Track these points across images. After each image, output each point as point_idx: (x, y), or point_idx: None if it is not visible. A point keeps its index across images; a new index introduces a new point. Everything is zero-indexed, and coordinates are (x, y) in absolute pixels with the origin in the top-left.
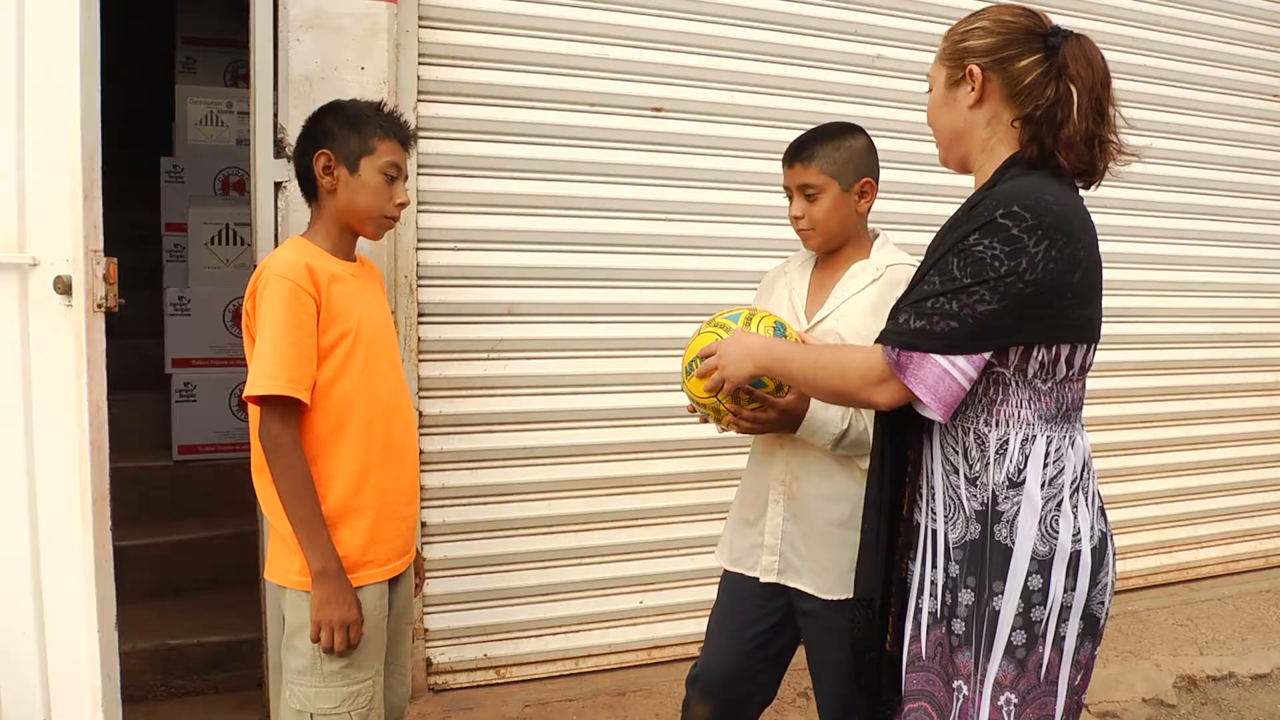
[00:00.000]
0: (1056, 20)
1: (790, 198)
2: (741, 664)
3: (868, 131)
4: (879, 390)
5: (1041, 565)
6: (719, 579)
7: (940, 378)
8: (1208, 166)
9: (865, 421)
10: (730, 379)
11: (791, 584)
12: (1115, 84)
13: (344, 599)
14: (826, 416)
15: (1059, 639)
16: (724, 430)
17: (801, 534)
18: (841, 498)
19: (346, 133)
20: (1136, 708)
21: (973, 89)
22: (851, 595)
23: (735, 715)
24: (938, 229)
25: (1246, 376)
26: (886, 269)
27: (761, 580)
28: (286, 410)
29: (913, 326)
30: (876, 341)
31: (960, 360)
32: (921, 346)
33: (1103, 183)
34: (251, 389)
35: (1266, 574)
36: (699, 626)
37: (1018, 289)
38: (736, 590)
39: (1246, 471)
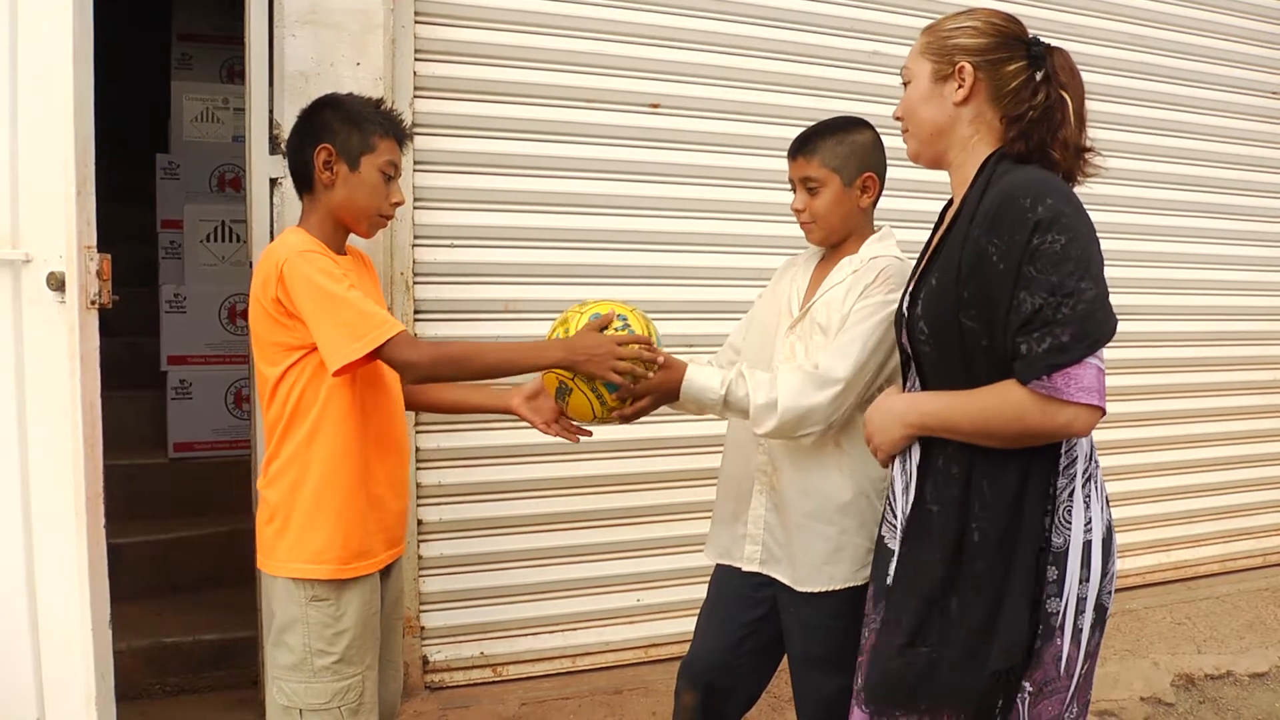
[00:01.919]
0: (1057, 15)
1: (794, 190)
2: (729, 653)
3: None
4: (1071, 420)
5: (1057, 557)
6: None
7: (1097, 377)
8: (1204, 164)
9: (746, 388)
10: (883, 449)
11: (773, 574)
12: (1115, 81)
13: (596, 346)
14: (703, 384)
15: (1077, 631)
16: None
17: (781, 524)
18: (814, 491)
19: (348, 129)
20: (1135, 706)
21: (960, 86)
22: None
23: (722, 704)
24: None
25: (1243, 374)
26: (869, 261)
27: (745, 569)
28: (397, 344)
29: (1041, 349)
30: (1018, 381)
31: (1102, 353)
32: (1068, 360)
33: (1101, 180)
34: (353, 353)
35: (1264, 572)
36: (694, 624)
37: (1094, 267)
38: (725, 582)
39: (1244, 470)
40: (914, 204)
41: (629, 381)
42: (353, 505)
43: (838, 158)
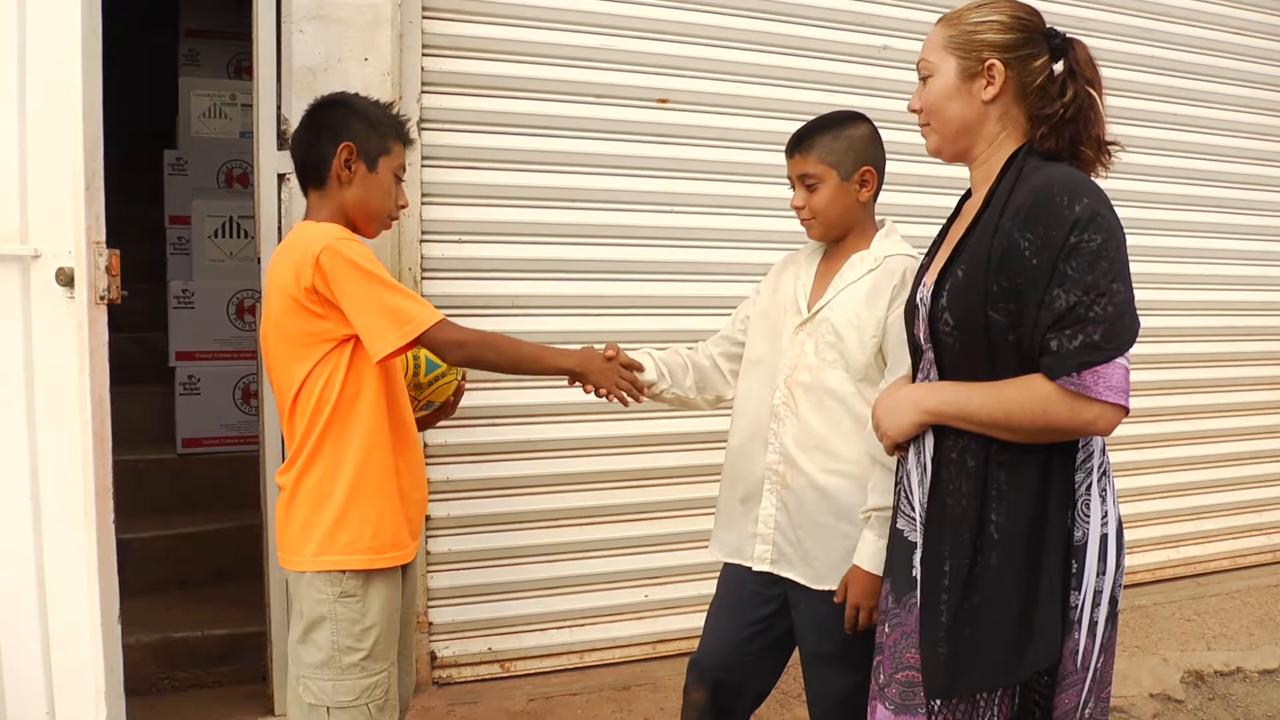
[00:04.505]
0: (1064, 9)
1: (793, 187)
2: (738, 650)
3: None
4: (1096, 418)
5: (1076, 551)
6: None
7: (1124, 377)
8: (1216, 159)
9: (876, 498)
10: (892, 435)
11: (784, 574)
12: (1122, 74)
13: (607, 366)
14: (871, 543)
15: (1092, 624)
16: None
17: (793, 524)
18: (834, 491)
19: (366, 130)
20: (1144, 703)
21: (990, 84)
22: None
23: (732, 701)
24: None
25: (1254, 370)
26: (884, 259)
27: (755, 569)
28: (442, 327)
29: (1073, 346)
30: (1045, 376)
31: (1128, 352)
32: (1099, 359)
33: (1112, 175)
34: (400, 340)
35: (1274, 568)
36: (703, 621)
37: (1125, 268)
38: (734, 579)
39: (1254, 466)
40: (920, 199)
41: (626, 393)
42: (384, 494)
43: (834, 153)
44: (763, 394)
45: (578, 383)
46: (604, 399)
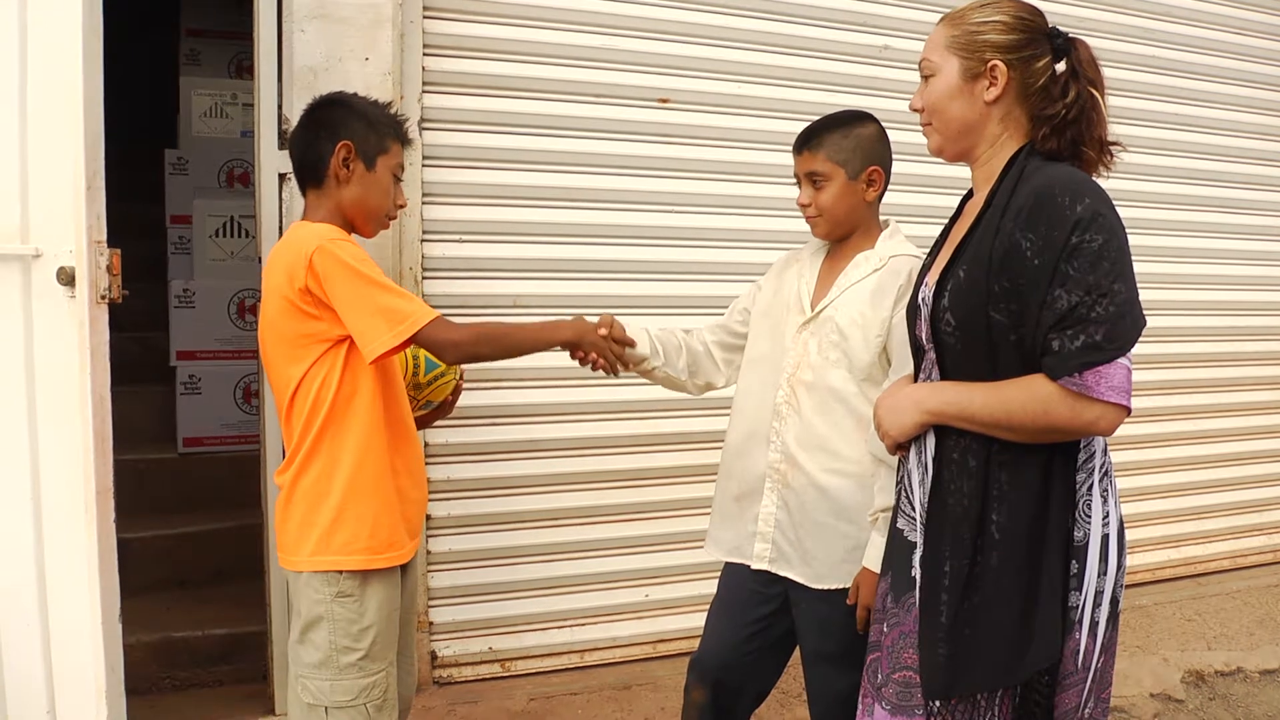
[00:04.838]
0: (1066, 9)
1: (800, 185)
2: (738, 649)
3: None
4: (1097, 418)
5: (1077, 551)
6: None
7: (1126, 377)
8: (1214, 158)
9: (882, 499)
10: (894, 435)
11: (784, 573)
12: (1124, 74)
13: (596, 337)
14: (874, 546)
15: (1093, 625)
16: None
17: (793, 523)
18: (835, 490)
19: (364, 129)
20: (1144, 703)
21: (992, 85)
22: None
23: (732, 701)
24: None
25: (1255, 370)
26: (889, 259)
27: (754, 568)
28: (437, 326)
29: (1075, 346)
30: (1046, 375)
31: (1130, 353)
32: (1100, 359)
33: (1114, 175)
34: (393, 340)
35: (1275, 568)
36: (703, 620)
37: (1128, 267)
38: (735, 578)
39: (1255, 466)
40: (922, 199)
41: (608, 365)
42: (380, 494)
43: (843, 152)
44: (763, 392)
45: (567, 350)
46: (590, 367)
